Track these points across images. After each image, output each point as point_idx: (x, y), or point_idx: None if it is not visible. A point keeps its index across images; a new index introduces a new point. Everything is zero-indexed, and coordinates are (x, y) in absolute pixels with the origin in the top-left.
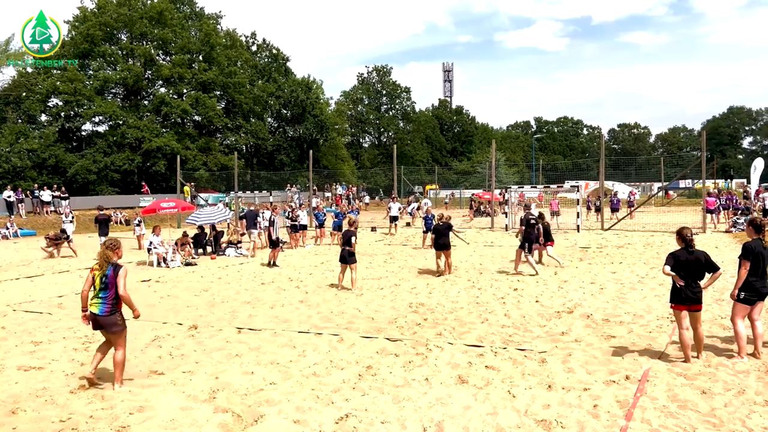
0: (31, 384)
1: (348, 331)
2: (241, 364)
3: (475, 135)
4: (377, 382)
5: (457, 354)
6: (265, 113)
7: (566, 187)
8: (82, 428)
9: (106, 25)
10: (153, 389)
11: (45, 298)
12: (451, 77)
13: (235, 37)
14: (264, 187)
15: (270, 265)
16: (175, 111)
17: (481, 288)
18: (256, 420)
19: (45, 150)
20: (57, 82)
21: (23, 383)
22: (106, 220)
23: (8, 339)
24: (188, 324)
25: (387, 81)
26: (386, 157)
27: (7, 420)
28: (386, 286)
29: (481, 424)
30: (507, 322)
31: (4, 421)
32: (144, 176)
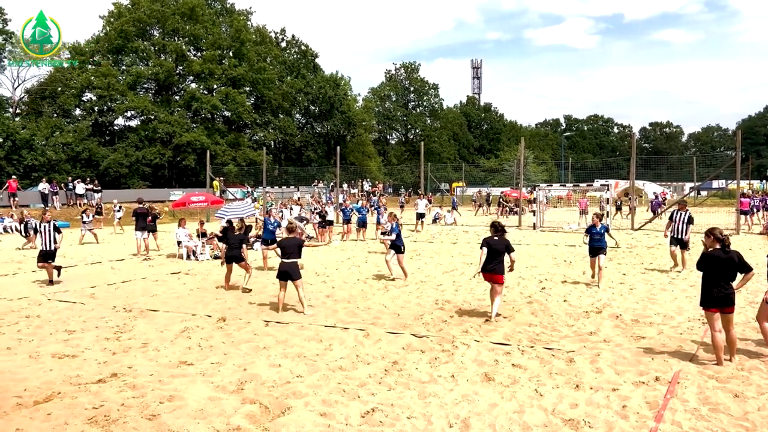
0: (65, 371)
1: (374, 327)
2: (268, 356)
3: (503, 132)
4: (403, 377)
5: (484, 352)
6: (294, 109)
7: (596, 186)
8: (113, 416)
9: (139, 21)
10: (182, 379)
11: (78, 288)
12: (479, 74)
13: (265, 33)
14: (291, 182)
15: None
16: (205, 106)
17: (508, 286)
18: (283, 412)
19: (79, 144)
20: (91, 77)
21: (57, 370)
22: (145, 213)
23: (43, 327)
24: (217, 316)
25: (415, 78)
26: (413, 154)
27: (42, 406)
28: (412, 283)
29: (507, 421)
30: (534, 321)
31: (40, 407)
32: (174, 170)
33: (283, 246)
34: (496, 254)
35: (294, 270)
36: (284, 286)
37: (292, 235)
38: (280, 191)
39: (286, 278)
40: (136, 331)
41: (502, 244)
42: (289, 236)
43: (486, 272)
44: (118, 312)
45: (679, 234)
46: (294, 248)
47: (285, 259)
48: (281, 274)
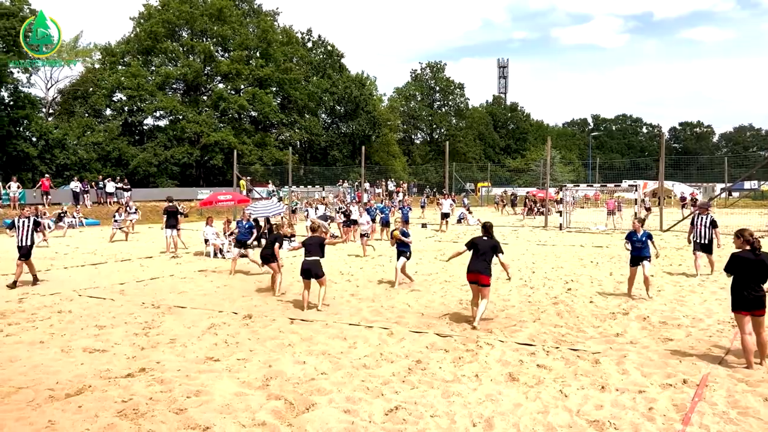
0: (95, 365)
1: (398, 326)
2: (293, 353)
3: (529, 132)
4: (427, 376)
5: (508, 352)
6: (319, 109)
7: (624, 186)
8: (142, 409)
9: (168, 22)
10: (209, 374)
11: (108, 284)
12: (506, 73)
13: (292, 33)
14: (317, 182)
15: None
16: (232, 106)
17: (534, 287)
18: (307, 408)
19: (109, 143)
20: (121, 77)
21: (88, 364)
22: (174, 211)
23: (75, 322)
24: (243, 313)
25: (440, 77)
26: (438, 153)
27: (73, 398)
28: (436, 282)
29: (532, 422)
30: (560, 322)
31: (71, 399)
32: (202, 170)
33: (306, 244)
34: (482, 255)
35: (316, 268)
36: (308, 284)
37: (315, 234)
38: (306, 190)
39: (309, 276)
40: (164, 327)
41: (488, 245)
42: (312, 235)
43: (470, 272)
44: (146, 308)
45: (703, 238)
46: (316, 247)
47: (307, 257)
48: (304, 272)
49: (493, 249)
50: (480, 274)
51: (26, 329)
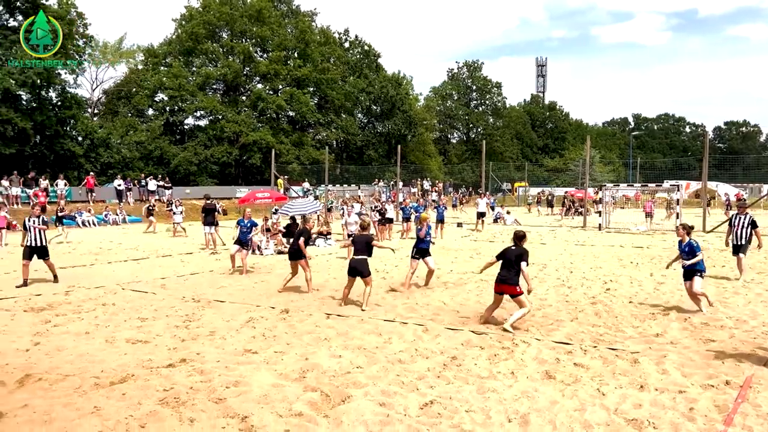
0: (138, 355)
1: (433, 322)
2: (329, 347)
3: (568, 131)
4: (462, 372)
5: (545, 350)
6: (356, 109)
7: (665, 187)
8: (183, 398)
9: (209, 24)
10: (247, 366)
11: (150, 279)
12: (544, 72)
13: (329, 34)
14: (352, 181)
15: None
16: (270, 106)
17: (571, 287)
18: (343, 400)
19: (151, 142)
20: (163, 78)
21: (131, 354)
22: (213, 209)
23: (118, 314)
24: (280, 308)
25: (477, 76)
26: (474, 153)
27: (117, 386)
28: (471, 281)
29: (568, 419)
30: (598, 322)
31: (115, 387)
32: (241, 168)
33: (354, 242)
34: (508, 264)
35: (363, 266)
36: (351, 282)
37: (364, 233)
38: (342, 189)
39: (355, 274)
40: (204, 320)
41: (515, 254)
42: (362, 233)
43: (497, 283)
44: (187, 302)
45: (739, 239)
46: (363, 245)
47: (355, 256)
48: (350, 269)
49: (518, 258)
50: (506, 284)
51: (73, 320)
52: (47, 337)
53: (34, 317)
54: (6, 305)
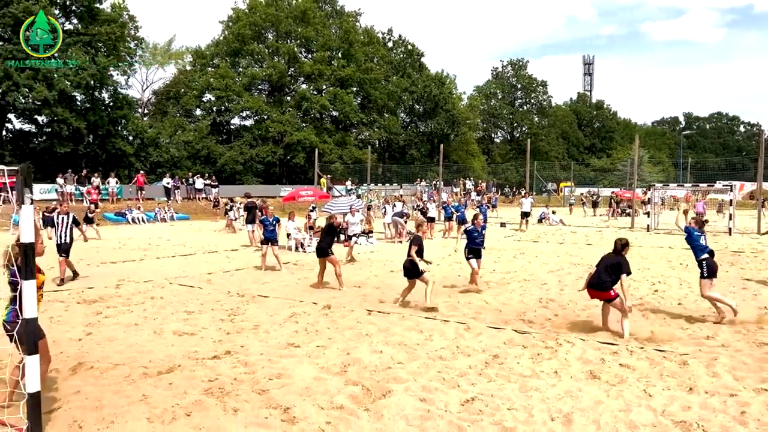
0: (184, 347)
1: (475, 321)
2: (370, 343)
3: (616, 131)
4: (504, 370)
5: (589, 350)
6: (398, 108)
7: (717, 187)
8: (227, 388)
9: (255, 25)
10: (290, 359)
11: (196, 274)
12: (591, 70)
13: (373, 33)
14: (394, 180)
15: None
16: (314, 106)
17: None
18: (384, 394)
19: (199, 142)
20: (210, 78)
21: (178, 346)
22: (254, 207)
23: (166, 308)
24: (322, 304)
25: (522, 75)
26: (518, 152)
27: (165, 376)
28: (515, 281)
29: (613, 419)
30: (645, 323)
31: (163, 377)
32: (285, 168)
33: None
34: (600, 270)
35: (416, 267)
36: (412, 283)
37: (419, 232)
38: (383, 188)
39: (411, 276)
40: (248, 315)
41: (609, 262)
42: (415, 234)
43: (588, 287)
44: (232, 297)
45: None
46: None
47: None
48: (405, 270)
49: (612, 267)
50: (594, 290)
51: (122, 312)
52: (98, 328)
53: (86, 309)
54: (60, 297)
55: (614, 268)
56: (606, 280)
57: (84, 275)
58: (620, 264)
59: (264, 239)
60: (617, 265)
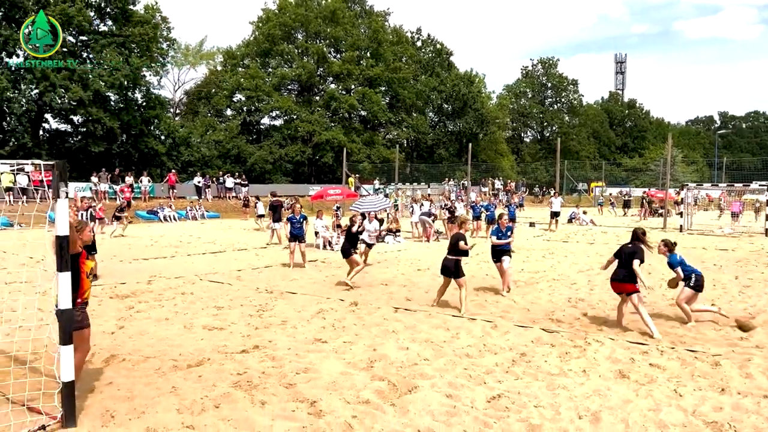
0: (214, 341)
1: (502, 320)
2: (396, 339)
3: (648, 130)
4: (531, 368)
5: (619, 350)
6: (427, 107)
7: (753, 187)
8: (255, 381)
9: (284, 25)
10: (317, 354)
11: (226, 270)
12: (623, 69)
13: (402, 33)
14: (422, 179)
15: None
16: (343, 106)
17: (650, 288)
18: (410, 390)
19: (229, 141)
20: (241, 79)
21: (207, 340)
22: (279, 205)
23: (196, 303)
24: (349, 300)
25: (553, 73)
26: (548, 152)
27: (194, 369)
28: (543, 280)
29: (642, 418)
30: (676, 323)
31: (192, 370)
32: (313, 167)
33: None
34: (622, 263)
35: (454, 266)
36: (446, 282)
37: (459, 231)
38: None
39: (448, 274)
40: (276, 310)
41: (629, 251)
42: (456, 232)
43: (611, 281)
44: (260, 293)
45: None
46: (452, 244)
47: (448, 255)
48: (442, 268)
49: (631, 255)
50: (619, 283)
51: (154, 307)
52: (130, 322)
53: (119, 303)
54: (94, 292)
55: (630, 256)
56: (627, 275)
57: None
58: (635, 252)
59: (291, 237)
60: (632, 254)
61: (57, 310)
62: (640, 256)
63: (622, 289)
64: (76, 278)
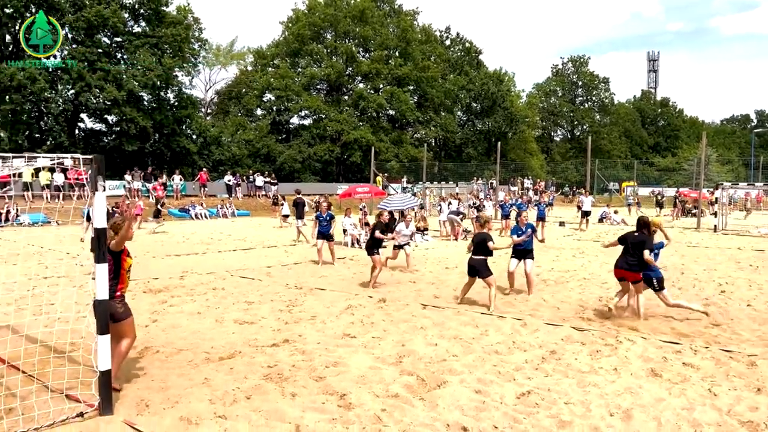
0: (245, 335)
1: (532, 318)
2: (425, 336)
3: (682, 129)
4: (561, 366)
5: (651, 349)
6: (455, 106)
7: None
8: (286, 374)
9: (314, 25)
10: (346, 349)
11: (256, 267)
12: (656, 67)
13: (430, 32)
14: (450, 178)
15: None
16: (371, 105)
17: (682, 288)
18: (439, 385)
19: (259, 140)
20: (271, 78)
21: (239, 334)
22: (303, 203)
23: (227, 298)
24: (378, 297)
25: (583, 71)
26: (579, 151)
27: (226, 361)
28: (574, 279)
29: (675, 417)
30: (710, 323)
31: (224, 362)
32: (342, 166)
33: (474, 242)
34: (627, 250)
35: (481, 266)
36: (471, 281)
37: (483, 230)
38: (439, 187)
39: (474, 274)
40: (306, 306)
41: (635, 240)
42: (480, 231)
43: (615, 268)
44: (290, 289)
45: None
46: (480, 245)
47: (474, 255)
48: (469, 269)
49: (639, 245)
50: (622, 270)
51: (186, 302)
52: (163, 316)
53: (152, 298)
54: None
55: (638, 246)
56: (633, 263)
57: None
58: (644, 242)
59: (318, 235)
60: (641, 243)
61: (95, 300)
62: (649, 245)
63: (626, 276)
64: (117, 273)
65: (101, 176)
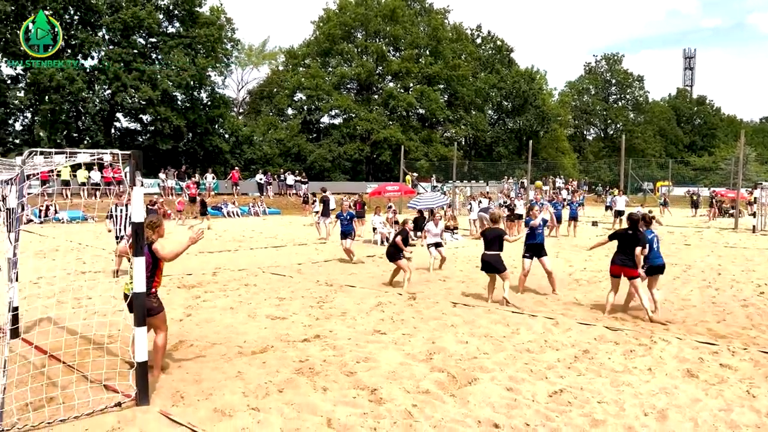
0: (276, 330)
1: (564, 317)
2: (455, 333)
3: (719, 128)
4: (594, 365)
5: (686, 349)
6: (486, 105)
7: None
8: (317, 369)
9: (344, 25)
10: (376, 345)
11: (287, 264)
12: (692, 65)
13: (461, 30)
14: (480, 177)
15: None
16: (401, 104)
17: (719, 289)
18: (469, 382)
19: (290, 140)
20: (302, 78)
21: (270, 329)
22: (328, 201)
23: (259, 294)
24: (407, 294)
25: (617, 69)
26: (612, 150)
27: (258, 355)
28: (606, 279)
29: (712, 417)
30: (748, 324)
31: (256, 356)
32: (371, 165)
33: (485, 236)
34: (621, 247)
35: (497, 262)
36: (492, 278)
37: (495, 226)
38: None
39: (489, 270)
40: (336, 302)
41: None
42: (493, 227)
43: (613, 264)
44: (320, 286)
45: None
46: (494, 240)
47: (487, 251)
48: (484, 265)
49: (633, 241)
50: (618, 266)
51: (219, 297)
52: (197, 311)
53: (186, 293)
54: (162, 281)
55: (634, 242)
56: (626, 259)
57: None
58: (638, 239)
59: (341, 234)
60: (636, 240)
61: (132, 293)
62: (642, 242)
63: (624, 272)
64: (154, 272)
65: (139, 172)
